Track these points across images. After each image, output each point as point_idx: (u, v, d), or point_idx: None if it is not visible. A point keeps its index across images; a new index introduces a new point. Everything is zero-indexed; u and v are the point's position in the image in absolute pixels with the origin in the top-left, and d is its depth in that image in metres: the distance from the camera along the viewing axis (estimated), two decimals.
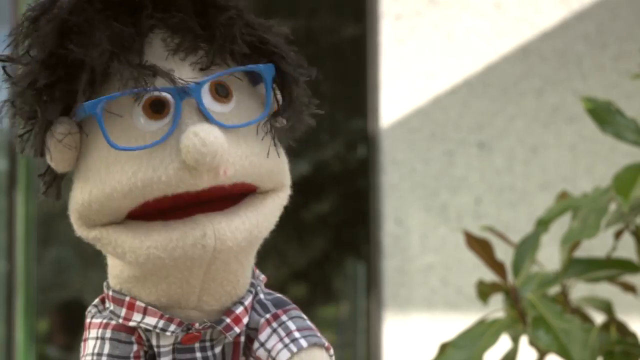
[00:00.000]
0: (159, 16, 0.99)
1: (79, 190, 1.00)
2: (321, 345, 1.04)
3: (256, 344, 1.04)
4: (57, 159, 1.00)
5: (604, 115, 1.85)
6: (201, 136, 0.93)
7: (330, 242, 4.06)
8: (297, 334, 1.04)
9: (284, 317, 1.06)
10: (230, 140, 0.96)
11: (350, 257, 4.01)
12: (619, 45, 3.56)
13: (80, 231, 1.02)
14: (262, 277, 1.10)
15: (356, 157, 3.94)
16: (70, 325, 3.97)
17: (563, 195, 2.04)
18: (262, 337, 1.04)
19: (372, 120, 3.63)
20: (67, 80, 0.98)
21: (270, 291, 1.09)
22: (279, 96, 1.03)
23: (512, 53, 3.59)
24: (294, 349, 1.03)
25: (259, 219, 1.00)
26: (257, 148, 1.00)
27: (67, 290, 4.20)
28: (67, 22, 0.97)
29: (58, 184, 1.04)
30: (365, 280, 3.72)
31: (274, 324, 1.05)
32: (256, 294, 1.07)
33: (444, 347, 1.81)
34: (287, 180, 1.05)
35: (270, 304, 1.07)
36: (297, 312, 1.07)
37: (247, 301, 1.05)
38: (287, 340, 1.04)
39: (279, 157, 1.03)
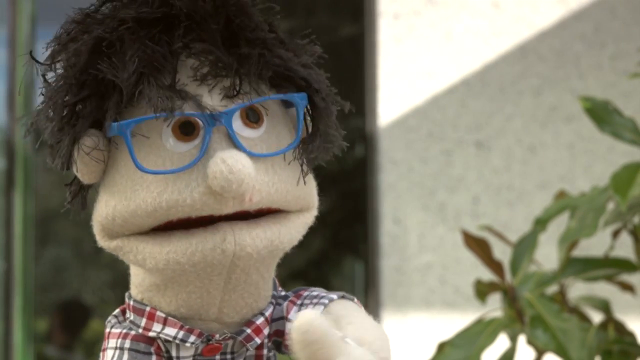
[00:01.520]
0: (190, 38, 0.98)
1: (103, 203, 1.01)
2: (350, 299, 1.05)
3: (287, 326, 1.04)
4: (83, 170, 1.00)
5: (601, 114, 1.85)
6: (229, 163, 0.93)
7: (328, 241, 4.06)
8: (323, 294, 1.05)
9: (306, 293, 1.06)
10: (258, 166, 0.96)
11: (348, 256, 4.01)
12: (617, 45, 3.56)
13: (102, 242, 1.02)
14: (281, 290, 1.10)
15: (354, 156, 3.94)
16: (68, 325, 3.96)
17: (561, 195, 2.04)
18: (292, 316, 1.04)
19: (370, 120, 3.63)
20: (98, 96, 0.98)
21: None
22: (310, 124, 1.03)
23: (510, 52, 3.59)
24: (326, 301, 1.03)
25: (281, 230, 1.00)
26: (284, 175, 1.00)
27: (65, 289, 4.19)
28: (100, 40, 0.97)
29: (84, 195, 1.04)
30: (363, 279, 3.72)
31: (299, 301, 1.05)
32: (277, 303, 1.07)
33: (442, 346, 1.81)
34: (314, 202, 1.05)
35: (290, 293, 1.08)
36: (318, 288, 1.08)
37: (268, 312, 1.04)
38: (316, 300, 1.04)
39: (305, 184, 1.02)
